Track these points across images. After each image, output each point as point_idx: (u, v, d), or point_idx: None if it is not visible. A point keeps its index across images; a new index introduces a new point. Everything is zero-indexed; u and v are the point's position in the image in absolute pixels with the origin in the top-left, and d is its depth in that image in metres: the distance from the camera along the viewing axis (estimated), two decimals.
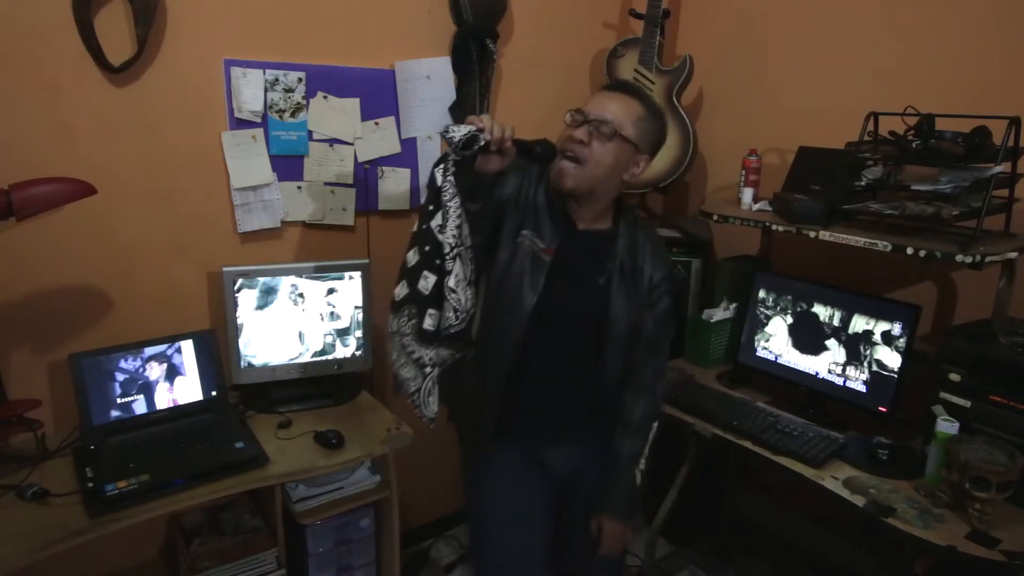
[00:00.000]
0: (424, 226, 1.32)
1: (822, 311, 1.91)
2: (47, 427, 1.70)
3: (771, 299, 2.04)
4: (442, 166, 1.30)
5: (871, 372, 1.80)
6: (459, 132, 1.24)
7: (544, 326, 1.43)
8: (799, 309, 1.97)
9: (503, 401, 1.46)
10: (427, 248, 1.32)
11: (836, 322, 1.88)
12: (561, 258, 1.42)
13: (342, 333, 1.99)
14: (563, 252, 1.43)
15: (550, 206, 1.44)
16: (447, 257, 1.31)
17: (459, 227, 1.31)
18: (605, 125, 1.36)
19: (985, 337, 1.64)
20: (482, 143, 1.25)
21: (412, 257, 1.34)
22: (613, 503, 1.53)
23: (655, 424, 1.56)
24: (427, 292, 1.33)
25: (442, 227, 1.30)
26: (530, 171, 1.45)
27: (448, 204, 1.30)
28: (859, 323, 1.83)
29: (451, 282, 1.33)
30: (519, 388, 1.46)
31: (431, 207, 1.31)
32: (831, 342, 1.90)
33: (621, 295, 1.45)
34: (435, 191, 1.30)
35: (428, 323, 1.36)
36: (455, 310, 1.35)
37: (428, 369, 1.40)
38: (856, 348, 1.83)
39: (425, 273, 1.33)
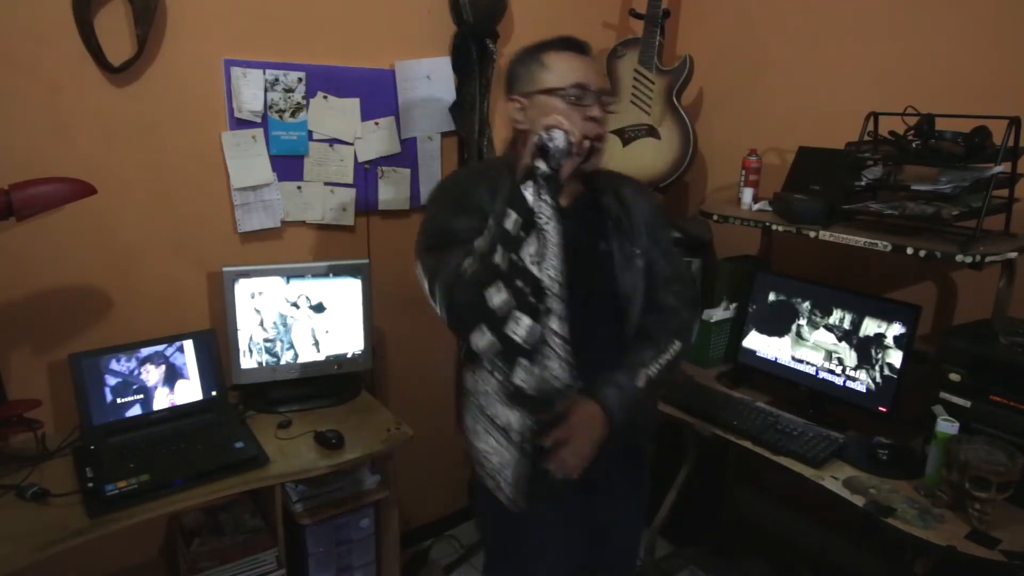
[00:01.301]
0: (513, 256, 1.10)
1: (836, 314, 1.89)
2: (47, 427, 1.70)
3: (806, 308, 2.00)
4: (532, 185, 1.11)
5: (883, 376, 1.79)
6: (558, 139, 1.10)
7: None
8: (796, 308, 1.97)
9: None
10: (519, 284, 1.10)
11: (847, 325, 1.87)
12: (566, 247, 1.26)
13: (342, 333, 1.99)
14: (566, 239, 1.24)
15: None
16: (549, 294, 1.11)
17: (558, 257, 1.12)
18: (607, 94, 1.28)
19: (985, 337, 1.64)
20: (572, 149, 1.12)
21: (496, 296, 1.10)
22: (598, 386, 1.29)
23: (676, 341, 1.37)
24: (521, 339, 1.11)
25: (539, 259, 1.11)
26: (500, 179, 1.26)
27: (546, 229, 1.11)
28: (871, 326, 1.82)
29: (554, 324, 1.12)
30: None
31: (521, 233, 1.10)
32: (839, 343, 1.90)
33: (622, 254, 1.34)
34: (526, 214, 1.10)
35: (520, 377, 1.13)
36: (560, 358, 1.14)
37: (516, 436, 1.17)
38: (867, 351, 1.82)
39: (516, 315, 1.10)
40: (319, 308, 1.96)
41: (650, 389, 1.32)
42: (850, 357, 1.85)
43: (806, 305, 1.96)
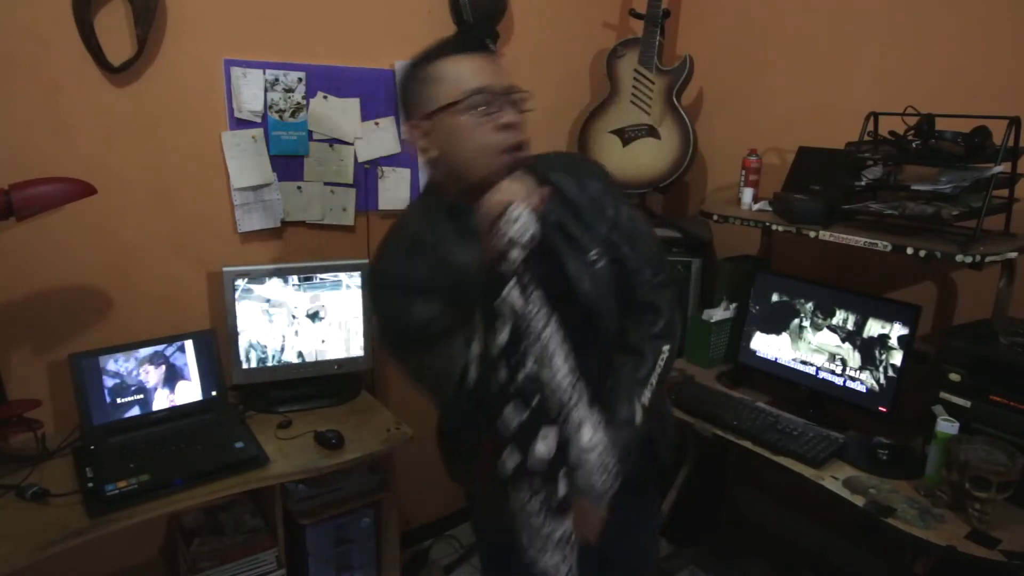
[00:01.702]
0: (518, 375, 1.00)
1: (839, 315, 1.89)
2: (47, 427, 1.70)
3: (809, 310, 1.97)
4: (515, 284, 0.98)
5: (887, 377, 1.79)
6: (521, 223, 0.95)
7: None
8: (797, 308, 1.97)
9: None
10: (535, 402, 1.01)
11: (851, 326, 1.86)
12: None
13: (342, 333, 1.99)
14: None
15: (466, 243, 1.08)
16: (570, 405, 1.01)
17: (567, 358, 1.01)
18: (515, 92, 1.08)
19: (985, 337, 1.64)
20: (535, 216, 0.97)
21: (512, 416, 1.02)
22: None
23: (665, 346, 1.24)
24: (551, 455, 1.02)
25: (547, 364, 1.01)
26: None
27: (544, 334, 0.99)
28: (874, 327, 1.81)
29: (585, 438, 1.02)
30: None
31: (514, 347, 0.99)
32: (842, 344, 1.90)
33: (577, 264, 1.16)
34: (514, 323, 0.99)
35: (563, 490, 1.05)
36: (602, 471, 1.05)
37: (574, 540, 1.10)
38: (871, 352, 1.82)
39: (543, 432, 1.02)
40: (319, 308, 1.96)
41: (648, 414, 1.22)
42: (854, 358, 1.85)
43: (808, 305, 1.96)
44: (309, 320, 1.95)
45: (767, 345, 2.05)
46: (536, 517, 1.05)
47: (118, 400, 1.73)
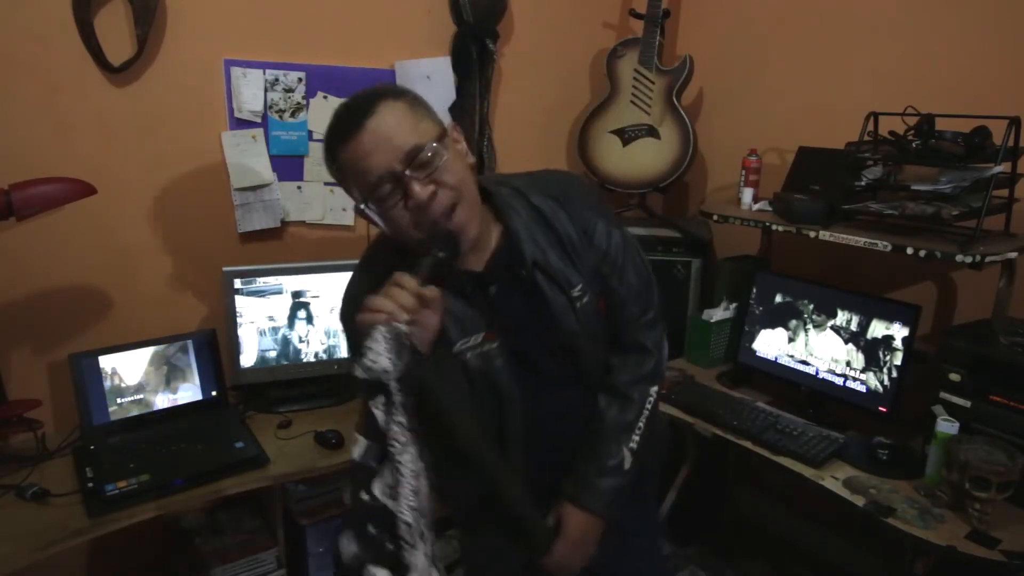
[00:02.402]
0: (364, 494, 0.92)
1: (841, 316, 1.89)
2: (47, 427, 1.70)
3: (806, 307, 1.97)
4: (381, 400, 0.89)
5: (891, 379, 1.78)
6: (378, 359, 0.86)
7: (530, 395, 1.12)
8: (798, 308, 1.97)
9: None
10: (370, 529, 0.93)
11: (854, 327, 1.86)
12: (502, 324, 1.09)
13: (342, 333, 1.99)
14: (499, 317, 1.09)
15: (450, 293, 1.04)
16: (405, 545, 0.91)
17: (415, 495, 0.91)
18: (420, 152, 0.95)
19: (985, 337, 1.64)
20: (406, 335, 0.88)
21: (347, 546, 0.97)
22: (586, 487, 1.16)
23: (652, 388, 1.21)
24: None
25: (393, 495, 0.90)
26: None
27: (399, 460, 0.89)
28: (878, 328, 1.81)
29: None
30: (539, 479, 1.16)
31: (372, 463, 0.92)
32: (846, 345, 1.90)
33: (557, 293, 1.10)
34: (378, 439, 0.90)
35: None
36: None
37: None
38: (875, 354, 1.81)
39: (370, 571, 0.94)
40: (319, 308, 1.96)
41: (636, 459, 1.18)
42: (857, 359, 1.85)
43: (809, 305, 1.96)
44: (309, 320, 1.95)
45: (767, 345, 2.05)
46: None
47: (118, 400, 1.73)
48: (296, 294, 1.92)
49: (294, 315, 1.93)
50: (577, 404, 1.20)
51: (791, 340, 1.99)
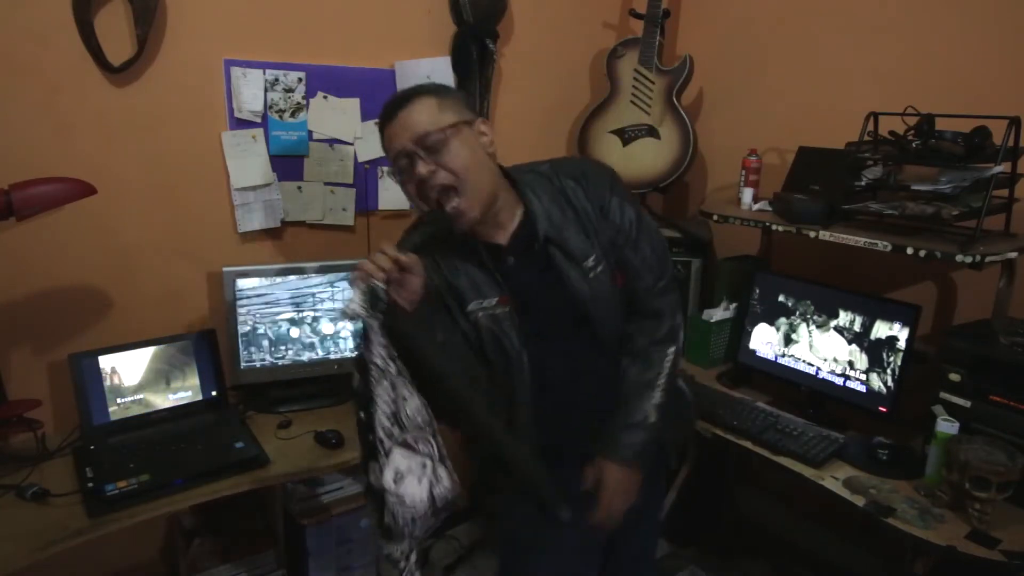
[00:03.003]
0: (361, 413, 1.13)
1: (844, 316, 1.88)
2: (47, 427, 1.70)
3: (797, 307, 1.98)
4: (362, 338, 1.11)
5: (894, 380, 1.78)
6: (352, 305, 1.07)
7: (540, 358, 1.27)
8: (798, 308, 1.97)
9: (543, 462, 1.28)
10: (369, 437, 1.13)
11: (857, 328, 1.85)
12: (517, 291, 1.25)
13: (342, 333, 1.99)
14: (514, 284, 1.25)
15: (466, 262, 1.25)
16: (380, 450, 1.11)
17: (394, 414, 1.11)
18: (429, 137, 1.15)
19: (985, 337, 1.64)
20: (383, 290, 1.09)
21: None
22: (616, 441, 1.28)
23: (670, 349, 1.33)
24: (377, 486, 1.13)
25: (370, 419, 1.11)
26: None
27: (375, 391, 1.11)
28: (882, 329, 1.80)
29: (387, 479, 1.10)
30: (550, 440, 1.30)
31: (367, 388, 1.12)
32: (849, 345, 1.90)
33: (573, 266, 1.25)
34: (362, 370, 1.11)
35: (387, 518, 1.13)
36: (398, 519, 1.12)
37: (402, 564, 1.17)
38: (879, 354, 1.81)
39: (371, 467, 1.12)
40: (319, 309, 1.96)
41: (662, 412, 1.31)
42: (861, 360, 1.84)
43: (809, 306, 1.96)
44: (309, 320, 1.95)
45: (767, 345, 2.05)
46: (377, 539, 1.17)
47: (118, 400, 1.73)
48: (296, 294, 1.92)
49: (294, 315, 1.93)
50: (587, 370, 1.31)
51: (792, 340, 1.99)
